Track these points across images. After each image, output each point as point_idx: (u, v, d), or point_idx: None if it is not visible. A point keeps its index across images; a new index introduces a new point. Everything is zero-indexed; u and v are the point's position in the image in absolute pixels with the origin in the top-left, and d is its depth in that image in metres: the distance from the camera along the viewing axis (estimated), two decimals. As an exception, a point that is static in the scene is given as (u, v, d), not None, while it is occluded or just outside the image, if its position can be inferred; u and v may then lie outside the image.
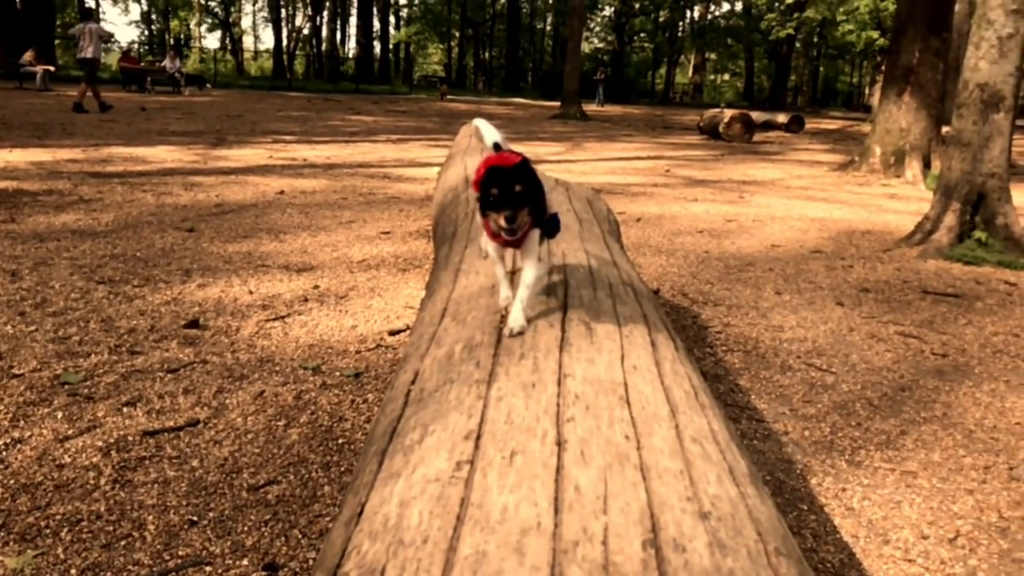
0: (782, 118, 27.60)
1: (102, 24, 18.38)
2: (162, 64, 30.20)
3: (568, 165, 12.89)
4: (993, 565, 2.53)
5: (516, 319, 2.05)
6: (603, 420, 1.53)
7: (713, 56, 69.76)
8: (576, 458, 1.38)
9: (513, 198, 2.02)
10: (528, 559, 1.09)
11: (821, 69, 69.54)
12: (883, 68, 17.02)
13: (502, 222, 2.02)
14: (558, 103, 30.89)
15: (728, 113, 21.89)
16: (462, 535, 1.17)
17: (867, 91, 54.97)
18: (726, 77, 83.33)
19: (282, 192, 8.84)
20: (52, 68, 26.66)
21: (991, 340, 4.83)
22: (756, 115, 24.27)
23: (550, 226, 2.28)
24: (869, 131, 14.84)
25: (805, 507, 2.82)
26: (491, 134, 2.69)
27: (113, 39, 20.34)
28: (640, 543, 1.14)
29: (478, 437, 1.48)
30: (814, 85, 68.77)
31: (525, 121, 26.10)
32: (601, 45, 72.08)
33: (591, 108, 34.13)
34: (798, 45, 55.69)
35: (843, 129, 30.24)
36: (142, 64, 33.41)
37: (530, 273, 2.15)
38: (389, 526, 1.25)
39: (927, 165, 13.14)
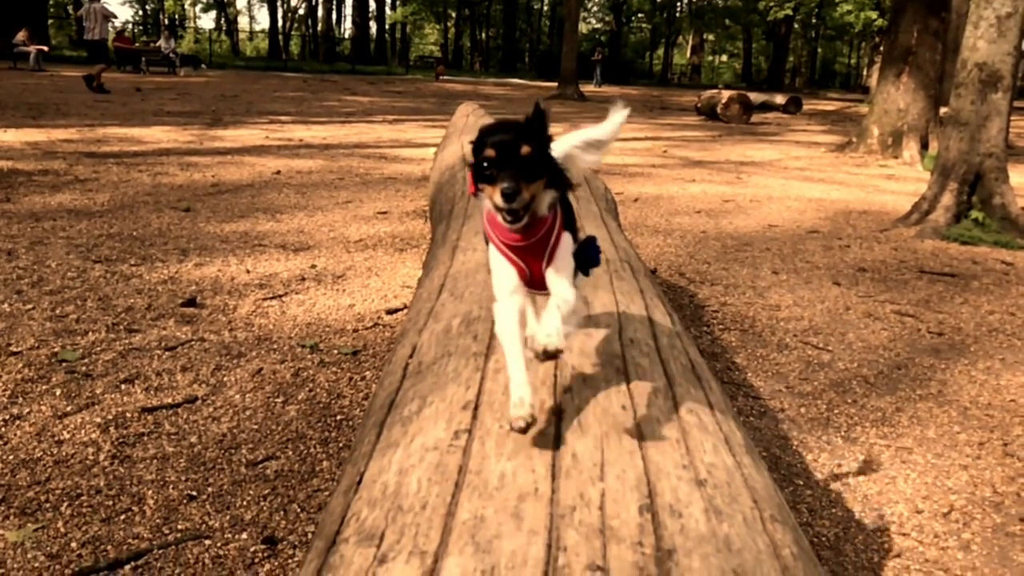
0: (780, 99, 27.51)
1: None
2: (157, 44, 29.99)
3: (565, 146, 12.84)
4: (987, 539, 2.56)
5: (548, 335, 1.39)
6: (600, 391, 1.54)
7: (711, 37, 69.39)
8: (573, 427, 1.39)
9: (517, 163, 1.40)
10: (526, 523, 1.10)
11: (819, 50, 69.22)
12: (881, 49, 16.95)
13: (498, 199, 1.40)
14: (555, 84, 30.76)
15: (726, 94, 21.81)
16: (460, 501, 1.18)
17: (865, 72, 54.78)
18: (724, 58, 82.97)
19: (278, 172, 8.81)
20: (45, 48, 26.45)
21: (987, 319, 4.85)
22: (754, 96, 24.17)
23: (587, 252, 1.62)
24: (867, 112, 14.81)
25: (801, 482, 2.84)
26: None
27: (115, 19, 20.11)
28: (637, 508, 1.15)
29: (476, 407, 1.49)
30: (812, 66, 68.49)
31: (522, 102, 25.98)
32: (599, 25, 71.71)
33: (588, 89, 33.98)
34: (796, 26, 55.40)
35: (841, 110, 30.17)
36: (137, 44, 33.18)
37: (565, 291, 1.49)
38: (388, 493, 1.26)
39: (925, 146, 13.12)
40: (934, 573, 2.36)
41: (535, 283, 1.53)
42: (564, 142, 1.57)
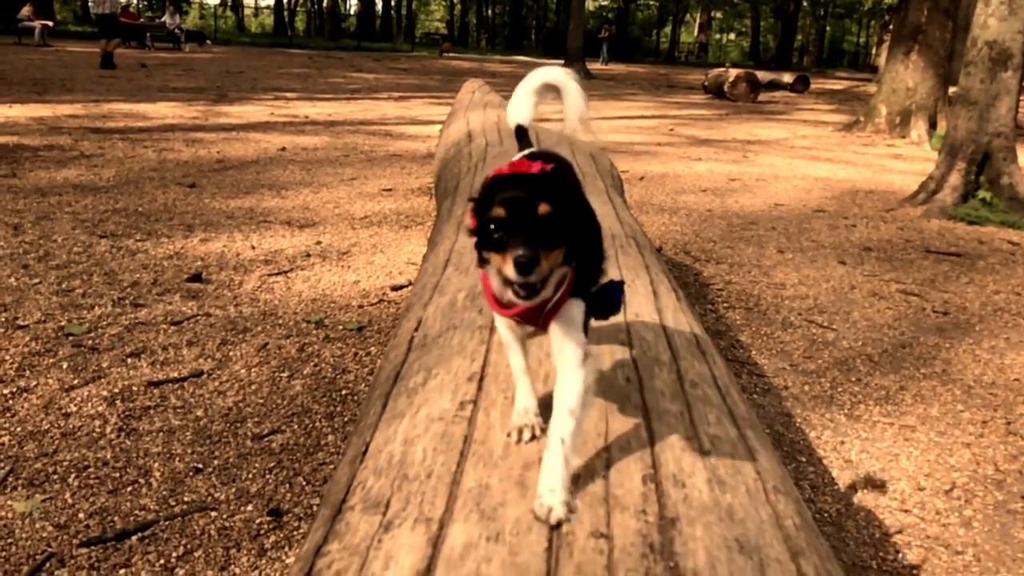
0: (787, 78, 27.31)
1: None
2: (162, 20, 29.83)
3: (571, 124, 12.78)
4: (988, 516, 2.57)
5: (552, 492, 1.10)
6: (605, 364, 1.54)
7: (719, 15, 68.74)
8: (578, 399, 1.39)
9: (534, 226, 1.15)
10: (530, 491, 1.11)
11: (828, 29, 68.61)
12: (891, 27, 16.78)
13: (509, 270, 1.13)
14: (562, 61, 30.57)
15: (733, 72, 21.66)
16: (466, 470, 1.19)
17: (874, 51, 54.32)
18: (732, 36, 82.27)
19: (284, 149, 8.80)
20: (50, 23, 26.33)
21: (992, 298, 4.84)
22: (761, 75, 23.99)
23: (606, 299, 1.37)
24: (875, 91, 14.70)
25: (804, 459, 2.85)
26: (522, 104, 1.56)
27: None
28: (640, 478, 1.16)
29: (481, 379, 1.50)
30: (820, 45, 67.92)
31: (528, 80, 25.84)
32: (606, 3, 71.04)
33: (595, 67, 33.76)
34: (805, 4, 54.93)
35: (849, 89, 29.96)
36: (141, 20, 33.01)
37: (572, 383, 1.22)
38: (394, 462, 1.27)
39: (933, 125, 13.03)
40: (935, 549, 2.38)
41: (532, 323, 1.32)
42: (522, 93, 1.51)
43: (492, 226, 1.17)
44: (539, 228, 1.15)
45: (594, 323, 1.42)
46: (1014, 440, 3.08)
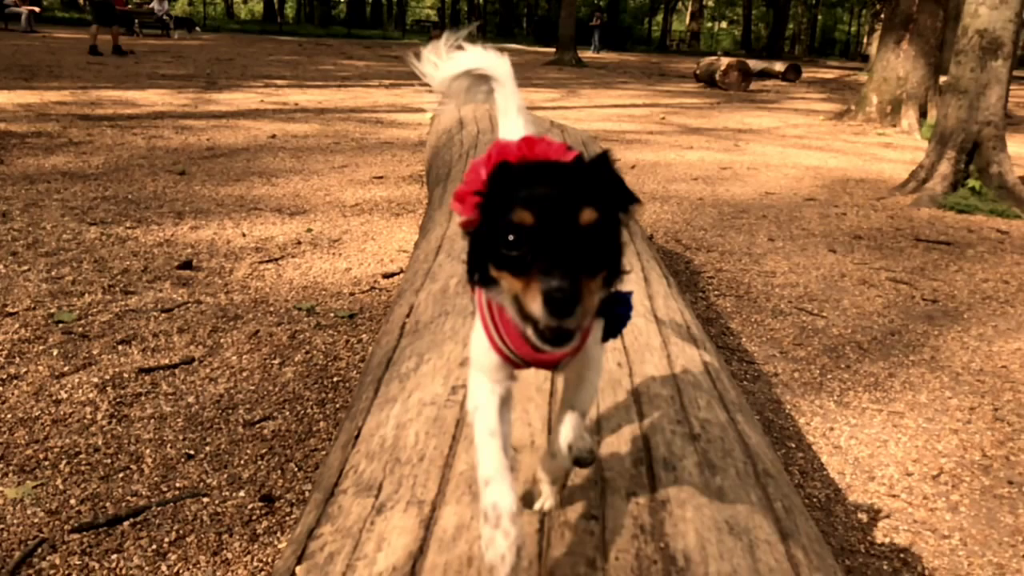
0: (779, 67, 27.29)
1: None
2: (150, 6, 29.59)
3: (563, 112, 12.77)
4: (975, 501, 2.59)
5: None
6: (596, 349, 1.55)
7: (711, 3, 68.71)
8: (569, 383, 1.40)
9: (573, 242, 0.85)
10: (523, 475, 1.12)
11: (819, 18, 68.60)
12: (882, 16, 16.80)
13: (536, 307, 0.83)
14: (553, 49, 30.47)
15: (725, 61, 21.63)
16: (458, 453, 1.19)
17: (865, 40, 54.41)
18: (724, 25, 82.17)
19: (274, 136, 8.76)
20: (37, 8, 26.08)
21: (981, 286, 4.87)
22: (753, 64, 23.96)
23: (618, 317, 1.07)
24: (866, 80, 14.72)
25: (793, 445, 2.88)
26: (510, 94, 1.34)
27: None
28: (632, 461, 1.16)
29: (473, 364, 1.50)
30: (812, 34, 67.88)
31: (520, 67, 25.59)
32: (597, -9, 70.83)
33: (587, 55, 33.65)
34: (797, -8, 54.85)
35: (840, 78, 29.97)
36: (129, 6, 32.72)
37: (588, 390, 1.07)
38: (386, 446, 1.27)
39: (924, 114, 13.07)
40: (922, 534, 2.40)
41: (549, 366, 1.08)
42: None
43: (510, 236, 0.85)
44: (580, 244, 0.84)
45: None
46: (1001, 426, 3.11)
